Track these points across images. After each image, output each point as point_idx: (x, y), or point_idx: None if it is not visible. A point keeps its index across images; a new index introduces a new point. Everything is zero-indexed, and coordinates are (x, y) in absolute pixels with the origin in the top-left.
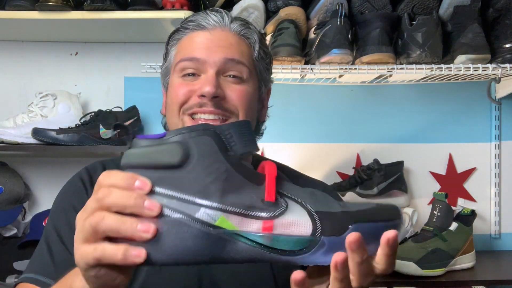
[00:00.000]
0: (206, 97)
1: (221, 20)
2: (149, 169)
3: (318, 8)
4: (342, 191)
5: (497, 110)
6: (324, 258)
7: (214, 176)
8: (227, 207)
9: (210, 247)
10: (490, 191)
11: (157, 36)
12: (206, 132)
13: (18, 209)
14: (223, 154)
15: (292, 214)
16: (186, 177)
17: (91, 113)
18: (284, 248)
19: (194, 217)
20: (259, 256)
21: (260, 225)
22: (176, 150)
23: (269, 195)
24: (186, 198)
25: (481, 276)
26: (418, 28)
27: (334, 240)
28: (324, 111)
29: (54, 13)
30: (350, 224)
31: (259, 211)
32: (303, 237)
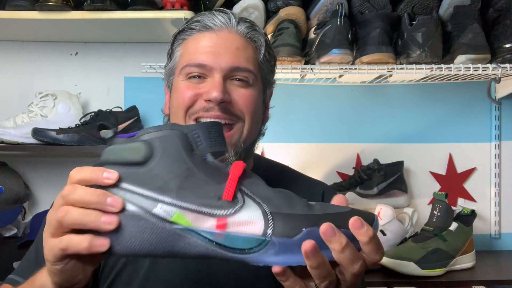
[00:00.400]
0: (213, 102)
1: (228, 21)
2: (118, 165)
3: (318, 8)
4: (342, 191)
5: (497, 110)
6: (275, 258)
7: (175, 173)
8: (183, 203)
9: (165, 241)
10: (490, 191)
11: (157, 36)
12: (172, 132)
13: (18, 209)
14: (187, 153)
15: (247, 213)
16: (148, 173)
17: (91, 113)
18: (236, 246)
19: (151, 212)
20: (212, 252)
21: (214, 222)
22: (141, 148)
23: (227, 194)
24: (146, 193)
25: (481, 276)
26: (418, 28)
27: (286, 241)
28: (324, 111)
29: (54, 13)
30: (304, 227)
31: (214, 209)
32: (254, 237)
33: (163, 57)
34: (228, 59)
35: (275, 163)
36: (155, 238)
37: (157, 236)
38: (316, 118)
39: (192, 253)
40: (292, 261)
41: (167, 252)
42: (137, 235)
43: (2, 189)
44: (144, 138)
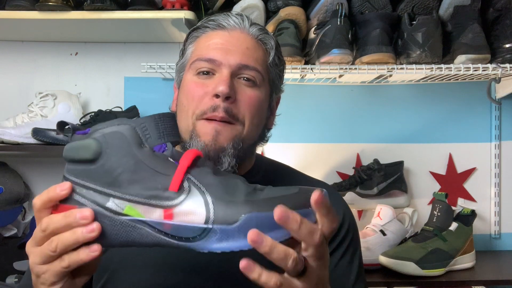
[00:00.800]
0: (220, 97)
1: (241, 22)
2: (75, 163)
3: (318, 8)
4: (342, 191)
5: (497, 110)
6: (217, 245)
7: (123, 168)
8: (132, 197)
9: (120, 232)
10: (490, 191)
11: (157, 36)
12: (120, 127)
13: (18, 209)
14: (135, 147)
15: (190, 203)
16: (99, 170)
17: (91, 113)
18: (182, 235)
19: (104, 206)
20: (162, 242)
21: (161, 213)
22: (90, 146)
23: (173, 185)
24: (99, 189)
25: (481, 276)
26: (418, 28)
27: (226, 228)
28: (324, 111)
29: (54, 13)
30: (243, 213)
31: (161, 200)
32: (197, 226)
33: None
34: (237, 57)
35: (276, 163)
36: (110, 230)
37: (111, 228)
38: (316, 118)
39: (144, 242)
40: (234, 247)
41: (123, 242)
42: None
43: (2, 189)
44: (94, 135)
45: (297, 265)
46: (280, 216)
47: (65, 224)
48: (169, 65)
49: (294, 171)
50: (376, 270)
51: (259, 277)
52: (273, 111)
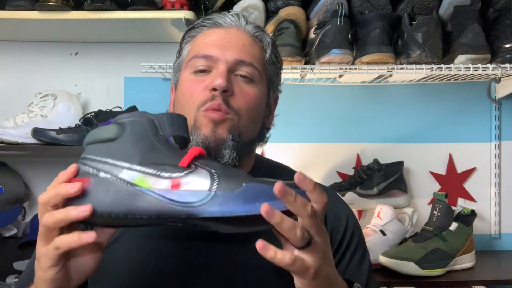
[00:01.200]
0: (218, 90)
1: (237, 20)
2: (95, 144)
3: (318, 8)
4: (342, 191)
5: (497, 110)
6: (218, 208)
7: (139, 147)
8: (145, 169)
9: (127, 200)
10: (490, 191)
11: (157, 36)
12: (141, 117)
13: (18, 209)
14: (152, 134)
15: (197, 175)
16: (118, 147)
17: (91, 113)
18: (186, 200)
19: (117, 176)
20: (165, 208)
21: (169, 183)
22: (113, 128)
23: (183, 162)
24: (115, 162)
25: (481, 276)
26: (418, 28)
27: (228, 194)
28: (324, 111)
29: (54, 13)
30: (244, 182)
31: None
32: (201, 191)
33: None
34: (234, 53)
35: (276, 164)
36: (119, 197)
37: (121, 195)
38: (316, 118)
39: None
40: (233, 211)
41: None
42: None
43: (2, 189)
44: (117, 121)
45: (304, 233)
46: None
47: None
48: (169, 65)
49: (294, 172)
50: (376, 270)
51: (275, 255)
52: (272, 110)
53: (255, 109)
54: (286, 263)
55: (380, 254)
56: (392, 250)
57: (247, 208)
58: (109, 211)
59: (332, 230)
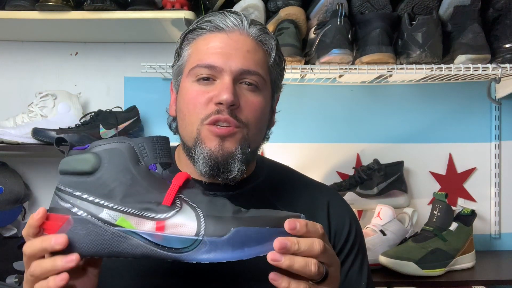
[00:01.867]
0: (224, 105)
1: (240, 23)
2: (71, 175)
3: (318, 8)
4: (342, 191)
5: (497, 110)
6: (206, 256)
7: (119, 182)
8: (126, 209)
9: (110, 243)
10: (490, 191)
11: (157, 36)
12: (120, 145)
13: (18, 209)
14: (132, 164)
15: (182, 217)
16: (96, 182)
17: (91, 113)
18: (172, 246)
19: (98, 216)
20: (151, 252)
21: (154, 225)
22: (89, 159)
23: (166, 200)
24: (93, 200)
25: (481, 276)
26: (418, 28)
27: (216, 240)
28: (324, 111)
29: (54, 13)
30: (232, 227)
31: (154, 213)
32: (188, 237)
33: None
34: (238, 62)
35: (278, 165)
36: (101, 239)
37: (102, 238)
38: (316, 118)
39: (134, 252)
40: (222, 258)
41: (112, 252)
42: (86, 237)
43: (2, 189)
44: (94, 150)
45: (319, 268)
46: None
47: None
48: (169, 65)
49: (295, 174)
50: (376, 270)
51: (289, 286)
52: (274, 109)
53: (262, 118)
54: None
55: (380, 254)
56: (392, 250)
57: (236, 255)
58: (91, 253)
59: (335, 234)
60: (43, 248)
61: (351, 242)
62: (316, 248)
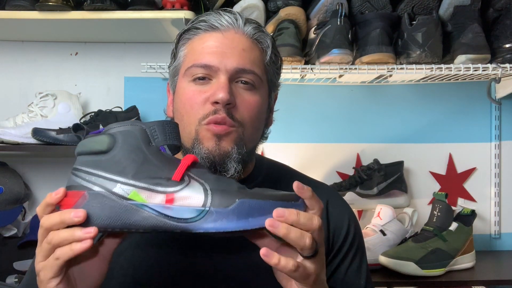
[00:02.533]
0: (220, 104)
1: (235, 21)
2: (87, 155)
3: (318, 8)
4: (342, 191)
5: (497, 110)
6: (212, 224)
7: (132, 160)
8: (138, 183)
9: (122, 215)
10: (490, 191)
11: (157, 36)
12: (133, 127)
13: (18, 209)
14: (144, 144)
15: (190, 190)
16: (110, 160)
17: (91, 113)
18: (181, 216)
19: (111, 190)
20: (161, 223)
21: (163, 197)
22: (104, 140)
23: (176, 176)
24: (108, 176)
25: (481, 276)
26: (418, 28)
27: (221, 210)
28: (324, 111)
29: (54, 13)
30: (237, 198)
31: (164, 187)
32: (195, 208)
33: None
34: (234, 60)
35: (277, 164)
36: (114, 212)
37: (116, 211)
38: (316, 118)
39: (145, 224)
40: (227, 227)
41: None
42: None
43: (2, 189)
44: (109, 131)
45: (313, 242)
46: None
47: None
48: (169, 65)
49: (295, 173)
50: (376, 270)
51: (279, 262)
52: (272, 109)
53: (258, 117)
54: (289, 269)
55: (380, 254)
56: (392, 250)
57: (241, 224)
58: (105, 226)
59: (334, 233)
60: (62, 220)
61: (350, 241)
62: (315, 223)
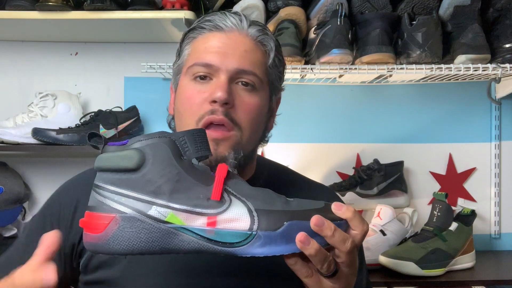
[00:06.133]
0: (218, 103)
1: (239, 23)
2: (112, 172)
3: (318, 8)
4: (342, 191)
5: (497, 110)
6: (261, 249)
7: (166, 178)
8: (176, 205)
9: (160, 239)
10: (490, 191)
11: (157, 36)
12: (162, 140)
13: (18, 209)
14: (176, 159)
15: (234, 211)
16: (141, 179)
17: (91, 113)
18: (225, 241)
19: (146, 213)
20: (204, 247)
21: (205, 220)
22: (133, 156)
23: (215, 194)
24: (141, 197)
25: (481, 276)
26: (418, 28)
27: (270, 234)
28: (324, 111)
29: (54, 13)
30: (285, 221)
31: (204, 208)
32: (242, 231)
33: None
34: (235, 61)
35: (278, 166)
36: (151, 237)
37: (153, 235)
38: (316, 118)
39: (186, 248)
40: (276, 251)
41: (162, 249)
42: (133, 235)
43: (2, 189)
44: (135, 146)
45: (330, 266)
46: (317, 222)
47: None
48: (169, 65)
49: (294, 174)
50: (376, 270)
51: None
52: (273, 112)
53: (257, 119)
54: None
55: (380, 254)
56: (392, 250)
57: (290, 248)
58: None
59: None
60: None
61: None
62: (346, 246)
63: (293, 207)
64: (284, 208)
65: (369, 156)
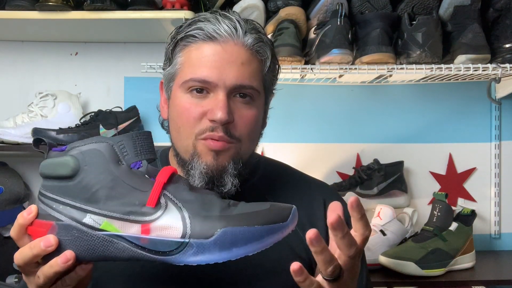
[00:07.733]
0: (217, 123)
1: (234, 32)
2: (51, 179)
3: (318, 8)
4: (342, 191)
5: (497, 110)
6: (194, 258)
7: (100, 185)
8: (110, 212)
9: (97, 247)
10: (490, 191)
11: (157, 36)
12: (98, 145)
13: (18, 209)
14: (113, 164)
15: (168, 219)
16: (77, 186)
17: (91, 113)
18: (158, 249)
19: (81, 221)
20: (139, 256)
21: (139, 228)
22: (68, 163)
23: (150, 201)
24: (76, 205)
25: (481, 276)
26: (418, 28)
27: (202, 242)
28: (324, 111)
29: (54, 13)
30: (219, 228)
31: (138, 215)
32: (174, 240)
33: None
34: (233, 76)
35: (275, 162)
36: (87, 244)
37: (89, 243)
38: (316, 118)
39: (122, 256)
40: (210, 259)
41: (100, 256)
42: (72, 242)
43: (2, 189)
44: (72, 152)
45: (335, 270)
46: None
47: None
48: None
49: (292, 171)
50: (376, 270)
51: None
52: (267, 112)
53: (256, 130)
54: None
55: (380, 254)
56: (392, 250)
57: (223, 256)
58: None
59: None
60: (34, 254)
61: None
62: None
63: (234, 211)
64: (222, 214)
65: (369, 156)
